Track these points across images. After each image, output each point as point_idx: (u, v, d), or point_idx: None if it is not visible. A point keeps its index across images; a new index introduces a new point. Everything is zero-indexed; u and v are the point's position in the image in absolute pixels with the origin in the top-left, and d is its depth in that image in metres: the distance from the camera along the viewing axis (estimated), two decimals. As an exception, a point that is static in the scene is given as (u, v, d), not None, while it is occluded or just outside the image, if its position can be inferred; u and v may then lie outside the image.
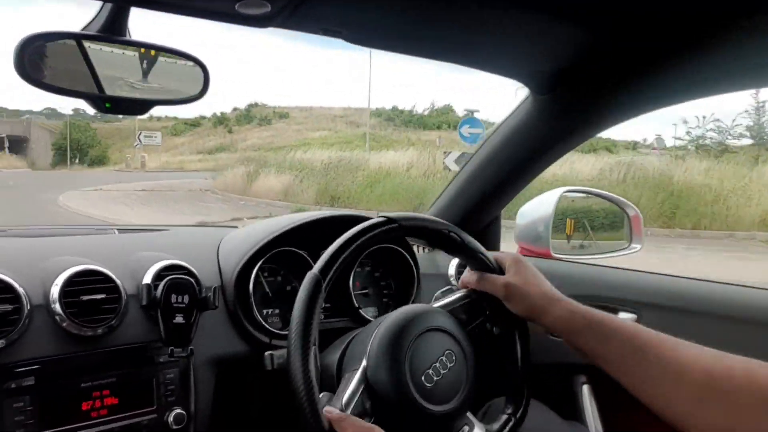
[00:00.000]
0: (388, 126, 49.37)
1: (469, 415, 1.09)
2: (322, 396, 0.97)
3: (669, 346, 0.94)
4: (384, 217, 1.07)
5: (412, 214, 1.11)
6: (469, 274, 1.18)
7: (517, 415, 1.15)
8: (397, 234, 1.08)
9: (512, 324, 1.16)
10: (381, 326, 1.06)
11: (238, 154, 33.43)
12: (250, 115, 59.34)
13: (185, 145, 51.93)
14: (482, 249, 1.16)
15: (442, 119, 49.03)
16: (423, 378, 1.01)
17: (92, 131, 51.99)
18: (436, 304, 1.17)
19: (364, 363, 1.02)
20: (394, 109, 57.49)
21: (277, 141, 43.31)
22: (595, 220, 1.95)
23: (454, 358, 1.07)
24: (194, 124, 62.19)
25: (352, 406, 0.96)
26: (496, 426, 1.13)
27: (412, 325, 1.05)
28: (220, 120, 58.22)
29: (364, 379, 1.01)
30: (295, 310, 0.95)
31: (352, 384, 1.00)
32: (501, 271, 1.15)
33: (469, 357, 1.09)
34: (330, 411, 0.91)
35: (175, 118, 64.48)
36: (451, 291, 1.23)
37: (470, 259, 1.16)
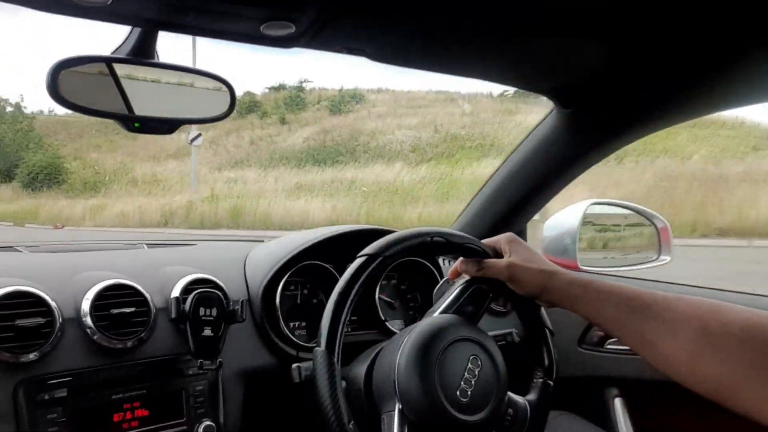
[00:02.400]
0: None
1: (509, 394, 1.10)
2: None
3: (663, 304, 0.94)
4: (364, 255, 1.05)
5: (392, 237, 1.08)
6: (464, 264, 1.16)
7: (552, 377, 1.15)
8: (384, 267, 1.07)
9: (519, 300, 1.17)
10: (407, 341, 1.06)
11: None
12: (300, 99, 36.54)
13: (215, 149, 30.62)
14: (472, 238, 1.15)
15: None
16: (458, 393, 1.01)
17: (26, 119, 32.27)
18: (441, 307, 1.16)
19: (398, 405, 1.00)
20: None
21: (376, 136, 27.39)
22: (622, 232, 1.93)
23: (479, 362, 1.06)
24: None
25: None
26: (532, 396, 1.14)
27: (437, 339, 1.05)
28: (250, 107, 35.60)
29: (404, 419, 1.00)
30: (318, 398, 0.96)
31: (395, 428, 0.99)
32: (497, 254, 1.15)
33: (494, 354, 1.09)
34: None
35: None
36: (447, 284, 1.22)
37: (465, 251, 1.15)
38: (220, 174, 25.16)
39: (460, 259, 1.18)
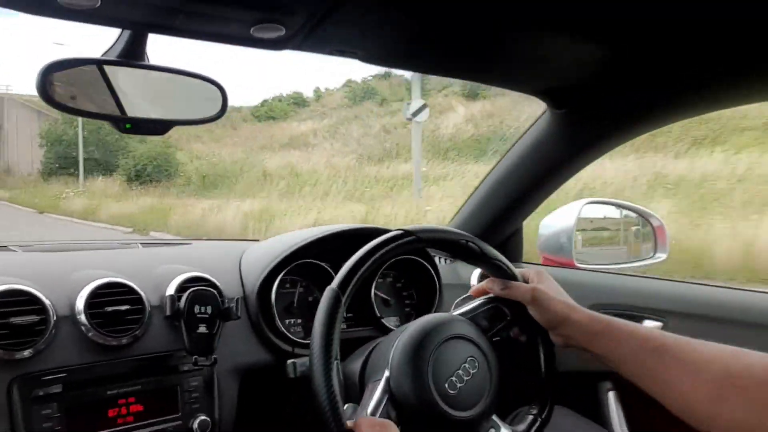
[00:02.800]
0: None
1: (494, 417, 1.10)
2: (347, 408, 0.97)
3: (686, 347, 0.94)
4: (401, 230, 1.08)
5: (430, 226, 1.12)
6: (491, 282, 1.18)
7: (543, 416, 1.15)
8: (415, 246, 1.10)
9: (535, 331, 1.17)
10: (403, 335, 1.07)
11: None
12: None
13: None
14: (504, 258, 1.17)
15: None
16: (446, 385, 1.02)
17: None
18: (457, 312, 1.18)
19: (386, 373, 1.03)
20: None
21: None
22: (618, 230, 1.94)
23: (476, 364, 1.07)
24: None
25: (377, 417, 0.97)
26: (521, 427, 1.14)
27: (433, 333, 1.06)
28: (364, 94, 31.91)
29: (388, 389, 1.02)
30: (315, 326, 0.97)
31: (376, 394, 1.01)
32: (524, 281, 1.16)
33: (492, 363, 1.10)
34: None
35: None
36: (470, 298, 1.23)
37: (492, 268, 1.17)
38: (388, 170, 18.88)
39: (488, 279, 1.19)
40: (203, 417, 1.31)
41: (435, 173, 16.60)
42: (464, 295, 1.26)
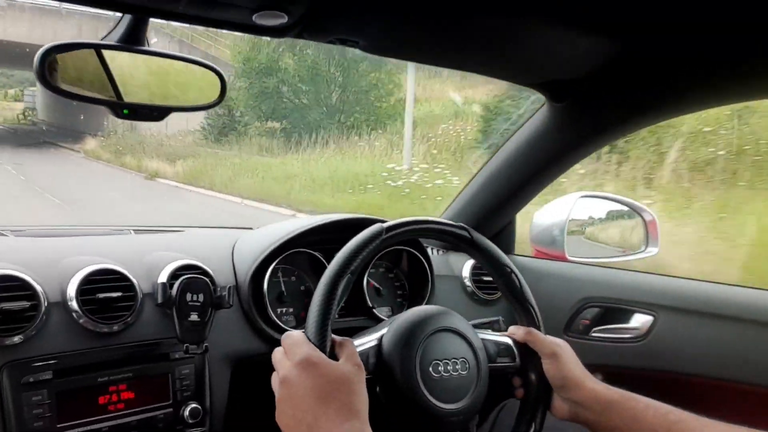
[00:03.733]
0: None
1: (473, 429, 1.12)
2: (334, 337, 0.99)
3: (698, 427, 0.95)
4: (462, 225, 1.14)
5: (484, 237, 1.16)
6: (515, 328, 1.19)
7: None
8: (463, 243, 1.15)
9: (539, 388, 1.16)
10: (406, 312, 1.10)
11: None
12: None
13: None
14: (536, 306, 1.18)
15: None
16: (431, 368, 1.04)
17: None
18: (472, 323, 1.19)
19: (383, 331, 1.07)
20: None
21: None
22: (610, 224, 1.95)
23: (467, 367, 1.09)
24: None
25: (358, 352, 0.99)
26: None
27: (436, 320, 1.09)
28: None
29: (380, 340, 1.06)
30: (348, 243, 1.02)
31: (366, 337, 1.06)
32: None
33: (482, 375, 1.11)
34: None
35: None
36: (491, 326, 1.25)
37: (519, 304, 1.18)
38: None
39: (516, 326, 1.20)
40: (194, 405, 1.31)
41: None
42: (486, 321, 1.27)
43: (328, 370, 0.88)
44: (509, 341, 1.19)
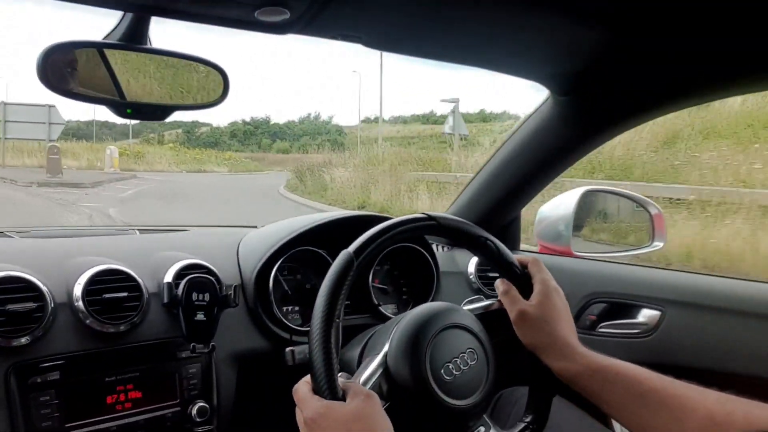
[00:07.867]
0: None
1: (485, 417, 1.10)
2: (340, 375, 0.96)
3: (671, 391, 0.94)
4: (424, 214, 1.08)
5: (451, 216, 1.12)
6: (499, 283, 1.16)
7: (535, 426, 1.14)
8: (434, 232, 1.11)
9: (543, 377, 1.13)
10: (402, 321, 1.08)
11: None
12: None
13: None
14: (516, 264, 1.15)
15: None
16: (442, 371, 1.02)
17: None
18: (467, 308, 1.18)
19: (385, 348, 1.05)
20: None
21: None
22: (616, 218, 1.94)
23: (475, 356, 1.08)
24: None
25: (368, 387, 0.98)
26: None
27: (434, 320, 1.07)
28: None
29: (384, 363, 1.03)
30: (323, 285, 0.96)
31: (371, 366, 1.02)
32: (528, 285, 1.13)
33: (490, 358, 1.10)
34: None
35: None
36: (480, 299, 1.23)
37: (501, 269, 1.15)
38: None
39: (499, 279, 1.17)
40: (202, 403, 1.31)
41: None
42: (474, 296, 1.26)
43: (339, 413, 0.88)
44: (495, 303, 1.18)
